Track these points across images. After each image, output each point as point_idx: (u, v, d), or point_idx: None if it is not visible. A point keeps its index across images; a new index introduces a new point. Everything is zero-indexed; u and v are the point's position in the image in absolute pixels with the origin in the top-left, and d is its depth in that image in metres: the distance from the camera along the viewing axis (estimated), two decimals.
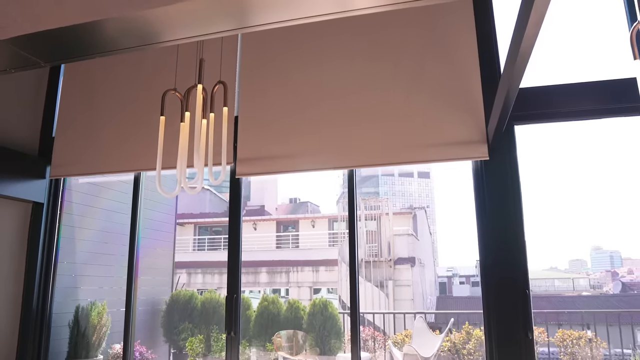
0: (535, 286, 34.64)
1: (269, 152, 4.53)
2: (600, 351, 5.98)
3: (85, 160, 5.18)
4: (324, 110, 4.49)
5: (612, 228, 76.90)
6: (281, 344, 6.74)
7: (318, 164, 4.50)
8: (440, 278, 28.31)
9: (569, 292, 29.59)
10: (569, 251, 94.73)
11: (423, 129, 4.22)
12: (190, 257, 16.12)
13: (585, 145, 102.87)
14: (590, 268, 74.67)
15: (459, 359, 6.22)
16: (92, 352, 5.54)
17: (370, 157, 4.32)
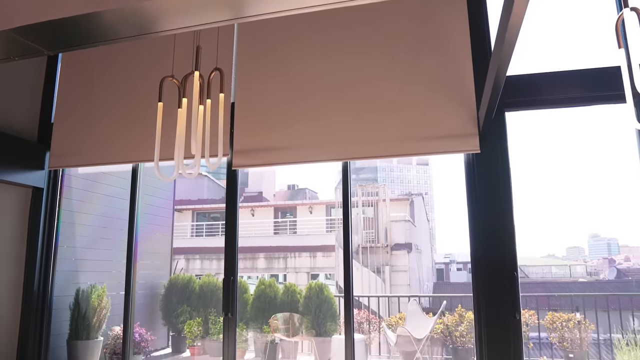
0: (532, 273, 34.94)
1: (266, 144, 4.63)
2: (588, 333, 6.16)
3: (83, 151, 5.28)
4: (319, 102, 4.60)
5: (609, 215, 77.30)
6: (278, 326, 6.92)
7: (313, 156, 4.61)
8: (437, 264, 28.56)
9: (566, 278, 29.87)
10: (566, 239, 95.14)
11: (417, 121, 4.33)
12: (189, 243, 16.29)
13: (584, 133, 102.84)
14: (587, 255, 75.15)
15: (452, 340, 6.39)
16: (93, 333, 5.69)
17: (364, 150, 4.44)
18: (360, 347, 6.41)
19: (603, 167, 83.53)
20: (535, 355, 6.92)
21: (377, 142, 4.36)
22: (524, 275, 29.03)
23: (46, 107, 5.78)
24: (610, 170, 19.62)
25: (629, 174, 15.49)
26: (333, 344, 6.65)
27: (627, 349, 4.36)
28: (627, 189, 55.77)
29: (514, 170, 4.41)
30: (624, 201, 52.84)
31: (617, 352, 4.43)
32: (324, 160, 4.68)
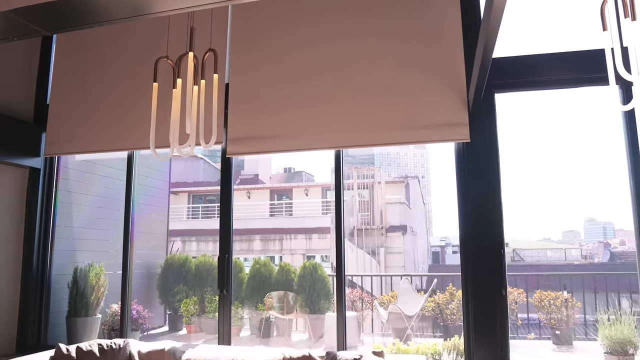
0: (527, 256, 35.27)
1: (260, 132, 4.73)
2: (575, 311, 6.35)
3: (79, 137, 5.35)
4: (312, 89, 4.69)
5: (605, 200, 77.68)
6: (272, 304, 7.10)
7: (307, 144, 4.72)
8: (433, 247, 28.80)
9: (560, 262, 30.17)
10: (562, 223, 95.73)
11: (410, 109, 4.44)
12: (184, 225, 16.42)
13: (580, 116, 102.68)
14: (583, 239, 75.72)
15: (442, 318, 6.59)
16: (91, 310, 5.83)
17: (357, 138, 4.55)
18: (353, 324, 6.60)
19: (599, 150, 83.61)
20: (523, 333, 7.13)
21: (370, 130, 4.48)
22: (519, 259, 29.32)
23: (41, 88, 5.84)
24: (606, 154, 19.59)
25: (624, 157, 15.93)
26: (326, 321, 6.85)
27: (609, 324, 4.53)
28: (623, 173, 55.97)
29: (511, 155, 4.57)
30: (620, 185, 52.83)
31: (600, 328, 4.61)
32: (317, 148, 4.79)
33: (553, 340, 6.33)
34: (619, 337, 4.35)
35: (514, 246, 32.45)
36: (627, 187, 4.34)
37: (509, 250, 27.26)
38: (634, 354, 4.35)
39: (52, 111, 5.55)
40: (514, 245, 33.13)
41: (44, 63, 5.90)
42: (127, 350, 3.82)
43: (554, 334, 6.33)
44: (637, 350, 4.34)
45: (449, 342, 4.64)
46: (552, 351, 6.15)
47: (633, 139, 4.33)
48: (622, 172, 4.37)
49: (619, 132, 4.44)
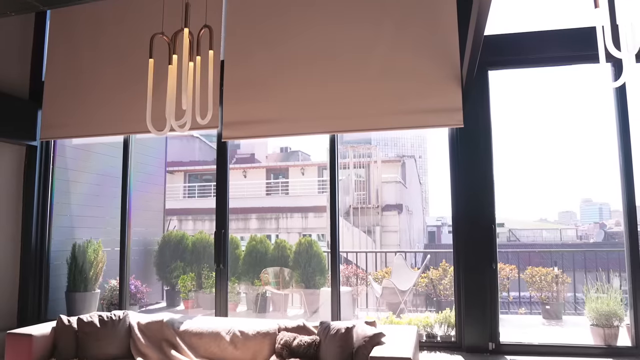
0: (523, 236, 35.55)
1: (255, 117, 4.80)
2: (565, 286, 6.52)
3: (75, 121, 5.40)
4: (307, 73, 4.75)
5: (602, 181, 77.99)
6: (268, 279, 7.25)
7: (301, 128, 4.80)
8: (429, 227, 29.01)
9: (556, 242, 30.45)
10: (559, 203, 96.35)
11: (404, 93, 4.50)
12: (181, 204, 16.52)
13: (577, 96, 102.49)
14: (579, 220, 76.24)
15: (435, 293, 6.75)
16: (90, 286, 5.95)
17: (352, 123, 4.63)
18: (347, 299, 6.76)
19: (596, 131, 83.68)
20: (515, 308, 7.31)
21: (365, 115, 4.56)
22: (515, 239, 29.55)
23: (36, 65, 5.86)
24: (603, 135, 19.62)
25: (614, 136, 15.88)
26: (321, 296, 7.01)
27: (596, 297, 4.68)
28: (616, 152, 56.08)
29: (508, 136, 4.67)
30: (616, 166, 53.16)
31: (587, 301, 4.76)
32: (312, 133, 4.88)
33: (543, 315, 6.50)
34: (604, 310, 4.50)
35: (510, 226, 32.61)
36: (618, 165, 4.45)
37: (504, 230, 27.48)
38: (618, 325, 4.50)
39: (47, 93, 5.58)
40: (510, 226, 33.31)
41: (38, 41, 5.90)
42: (126, 322, 3.95)
43: (544, 309, 6.50)
44: (622, 322, 4.49)
45: (441, 314, 4.78)
46: (542, 325, 6.32)
47: (623, 117, 4.42)
48: (616, 152, 4.47)
49: (612, 111, 4.52)
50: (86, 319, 3.84)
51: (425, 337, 4.69)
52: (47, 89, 5.58)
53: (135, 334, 3.86)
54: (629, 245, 4.33)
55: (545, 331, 6.08)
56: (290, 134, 4.98)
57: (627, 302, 4.37)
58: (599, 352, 4.29)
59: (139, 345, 3.79)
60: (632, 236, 4.34)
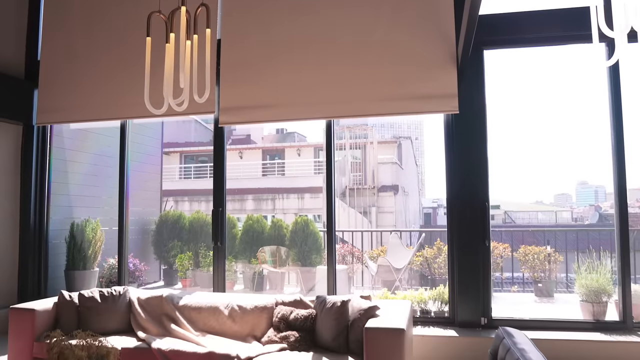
0: (518, 218, 35.84)
1: (251, 102, 4.84)
2: (557, 265, 6.66)
3: (71, 105, 5.41)
4: (303, 59, 4.78)
5: (597, 163, 78.39)
6: (265, 258, 7.37)
7: (298, 114, 4.85)
8: (425, 209, 29.19)
9: (551, 224, 30.69)
10: (555, 186, 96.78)
11: (399, 80, 4.56)
12: (177, 186, 16.58)
13: (573, 78, 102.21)
14: (575, 202, 76.69)
15: (430, 271, 6.88)
16: (89, 264, 6.04)
17: (348, 108, 4.68)
18: (343, 277, 6.89)
19: (593, 114, 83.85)
20: (507, 287, 7.46)
21: (361, 100, 4.61)
22: (510, 221, 29.76)
23: (31, 44, 5.86)
24: (599, 117, 19.91)
25: (607, 117, 15.79)
26: (317, 274, 7.13)
27: (585, 274, 4.81)
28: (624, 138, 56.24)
29: (504, 118, 4.74)
30: (610, 148, 53.46)
31: (577, 277, 4.88)
32: (308, 119, 4.93)
33: (535, 293, 6.65)
34: (594, 286, 4.63)
35: (505, 208, 32.80)
36: (610, 146, 4.53)
37: (500, 212, 27.70)
38: (607, 301, 4.63)
39: (43, 77, 5.59)
40: (505, 208, 33.49)
41: (33, 20, 5.89)
42: (126, 297, 4.05)
43: (536, 286, 6.65)
44: (611, 298, 4.63)
45: (434, 291, 4.90)
46: (534, 302, 6.48)
47: (616, 98, 4.49)
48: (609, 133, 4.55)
49: (605, 92, 4.59)
50: (87, 294, 3.93)
51: (419, 312, 4.82)
52: (42, 72, 5.58)
53: (135, 309, 3.96)
54: (618, 225, 4.45)
55: (536, 308, 6.23)
56: (286, 119, 5.05)
57: (616, 279, 4.49)
58: (588, 326, 4.43)
59: (139, 319, 3.89)
60: (622, 216, 4.45)
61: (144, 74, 3.31)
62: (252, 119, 5.10)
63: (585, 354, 4.10)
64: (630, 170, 4.49)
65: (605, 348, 4.11)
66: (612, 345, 4.11)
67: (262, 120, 5.20)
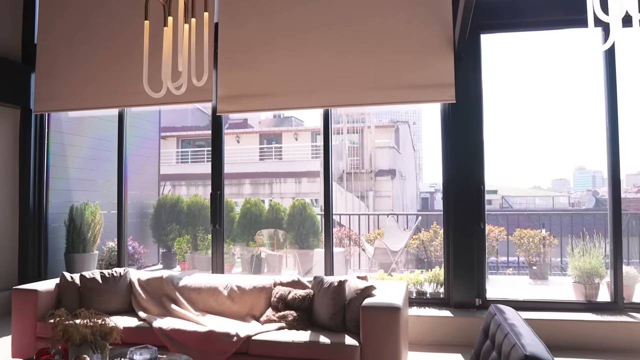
0: (516, 203, 35.99)
1: (249, 91, 4.88)
2: (552, 248, 6.77)
3: (68, 93, 5.44)
4: (301, 48, 4.81)
5: (595, 149, 78.58)
6: (263, 241, 7.46)
7: (296, 102, 4.90)
8: (423, 193, 29.28)
9: (548, 208, 30.79)
10: (553, 171, 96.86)
11: (397, 69, 4.60)
12: (174, 170, 16.61)
13: (571, 64, 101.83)
14: (572, 187, 76.80)
15: (426, 254, 6.98)
16: (89, 247, 6.12)
17: (345, 97, 4.73)
18: (340, 259, 6.99)
19: (591, 99, 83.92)
20: (503, 270, 7.58)
21: (358, 89, 4.67)
22: (507, 205, 29.89)
23: (28, 28, 5.86)
24: (596, 103, 19.88)
25: (602, 101, 15.67)
26: (315, 256, 7.24)
27: (579, 256, 4.91)
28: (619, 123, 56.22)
29: (502, 103, 4.80)
30: (606, 133, 53.41)
31: (571, 259, 4.99)
32: (305, 108, 4.99)
33: (530, 276, 6.77)
34: (586, 268, 4.74)
35: (503, 193, 32.91)
36: (605, 130, 4.60)
37: (497, 197, 27.81)
38: (599, 283, 4.75)
39: (40, 65, 5.60)
40: (503, 193, 33.60)
41: (29, 2, 5.88)
42: (127, 278, 4.13)
43: (531, 269, 6.77)
44: (603, 280, 4.74)
45: (430, 273, 5.00)
46: (528, 285, 6.60)
47: (611, 83, 4.55)
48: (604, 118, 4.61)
49: (601, 77, 4.63)
50: (88, 276, 4.01)
51: (415, 294, 4.92)
52: (39, 57, 5.59)
53: (136, 290, 4.04)
54: (612, 208, 4.54)
55: (530, 289, 6.35)
56: (284, 108, 5.12)
57: (608, 262, 4.60)
58: (580, 307, 4.54)
59: (140, 300, 3.98)
60: (615, 200, 4.54)
61: (142, 61, 3.34)
62: (249, 108, 5.16)
63: (577, 333, 4.22)
64: (629, 156, 4.56)
65: (596, 328, 4.23)
66: (603, 325, 4.23)
67: (260, 109, 5.25)
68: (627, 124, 4.57)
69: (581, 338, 4.20)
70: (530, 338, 1.83)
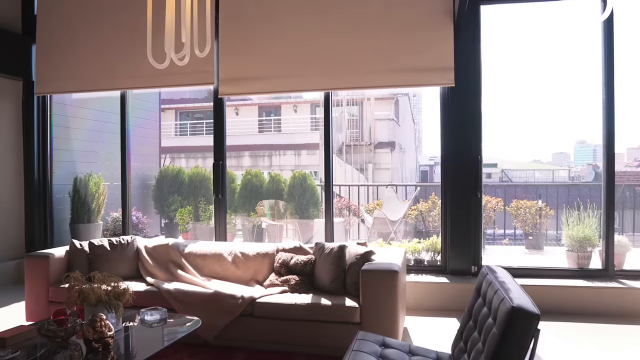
0: (515, 177, 36.19)
1: (250, 74, 4.98)
2: (548, 219, 6.95)
3: (70, 75, 5.53)
4: (301, 31, 4.89)
5: (596, 123, 78.50)
6: (264, 211, 7.64)
7: (296, 85, 4.99)
8: (422, 166, 29.46)
9: (548, 182, 30.97)
10: (553, 145, 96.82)
11: (397, 51, 4.69)
12: (173, 142, 16.70)
13: (573, 38, 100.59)
14: (572, 161, 76.91)
15: (425, 225, 7.17)
16: (93, 217, 6.28)
17: (346, 80, 4.84)
18: (340, 229, 7.18)
19: (591, 73, 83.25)
20: (499, 240, 7.78)
21: (358, 72, 4.79)
22: (507, 179, 30.08)
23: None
24: (597, 77, 19.65)
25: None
26: (315, 226, 7.43)
27: (573, 225, 5.08)
28: (615, 96, 55.77)
29: (504, 76, 4.89)
30: (602, 105, 53.13)
31: (564, 228, 5.16)
32: (306, 90, 5.10)
33: (526, 245, 6.97)
34: (579, 236, 4.91)
35: (503, 167, 33.04)
36: (602, 102, 4.70)
37: (497, 170, 27.94)
38: (591, 251, 4.93)
39: (40, 46, 5.68)
40: (503, 166, 33.74)
41: None
42: (134, 245, 4.30)
43: (527, 239, 6.96)
44: (595, 249, 4.92)
45: (427, 241, 5.18)
46: (524, 254, 6.80)
47: (609, 57, 4.63)
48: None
49: (599, 51, 4.71)
50: (97, 243, 4.17)
51: (413, 262, 5.11)
52: (39, 34, 5.66)
53: (143, 256, 4.22)
54: (605, 180, 4.70)
55: (526, 258, 6.55)
56: (285, 90, 5.22)
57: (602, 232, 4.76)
58: (573, 274, 4.74)
59: (147, 266, 4.16)
60: (609, 173, 4.71)
61: (143, 42, 3.43)
62: (250, 90, 5.30)
63: (568, 298, 4.42)
64: (632, 130, 4.69)
65: (587, 293, 4.43)
66: (593, 290, 4.43)
67: (261, 91, 5.36)
68: (631, 98, 4.67)
69: (572, 303, 4.41)
70: (517, 292, 2.00)
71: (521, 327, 1.81)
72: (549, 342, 3.65)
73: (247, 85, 5.04)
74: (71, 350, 2.64)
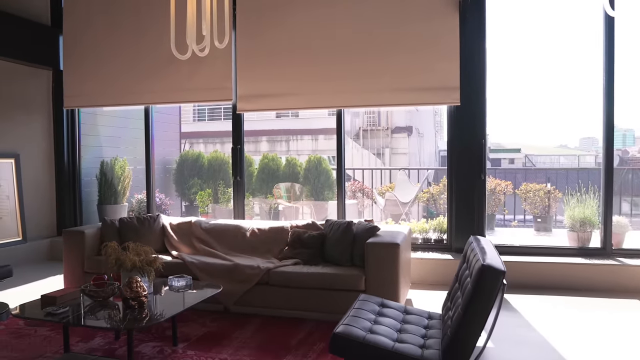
0: (539, 162, 35.94)
1: (267, 91, 5.41)
2: (557, 201, 7.23)
3: (96, 90, 6.07)
4: (316, 52, 5.29)
5: (627, 106, 76.88)
6: (280, 194, 8.09)
7: (310, 102, 5.40)
8: (442, 151, 29.52)
9: (573, 167, 30.62)
10: (581, 129, 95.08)
11: (405, 72, 5.05)
12: (192, 128, 17.16)
13: (599, 21, 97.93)
14: (601, 146, 75.59)
15: (436, 207, 7.52)
16: (119, 199, 6.78)
17: (357, 98, 5.25)
18: (353, 210, 7.59)
19: (625, 56, 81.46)
20: (509, 222, 8.09)
21: (369, 92, 5.18)
22: (531, 164, 29.95)
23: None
24: (629, 59, 19.35)
25: (618, 64, 15.43)
26: (329, 208, 7.86)
27: (575, 205, 5.40)
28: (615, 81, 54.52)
29: (529, 60, 5.16)
30: (604, 87, 52.07)
31: (566, 209, 5.48)
32: (319, 108, 5.50)
33: (535, 227, 7.28)
34: (580, 217, 5.24)
35: (526, 152, 32.87)
36: (602, 84, 4.98)
37: (521, 156, 27.89)
38: (591, 231, 5.25)
39: (66, 61, 6.23)
40: (527, 152, 33.54)
41: None
42: (160, 222, 4.78)
43: (535, 221, 7.27)
44: (594, 229, 5.24)
45: (434, 221, 5.56)
46: (532, 236, 7.12)
47: (609, 40, 4.92)
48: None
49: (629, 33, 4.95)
50: (127, 219, 4.66)
51: (421, 240, 5.51)
52: (66, 25, 6.14)
53: (168, 232, 4.69)
54: (604, 163, 5.03)
55: (532, 239, 6.88)
56: (299, 107, 5.62)
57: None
58: (573, 252, 5.09)
59: (172, 241, 4.63)
60: (608, 156, 5.04)
61: (164, 57, 3.82)
62: (267, 107, 5.78)
63: (568, 274, 4.78)
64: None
65: (585, 270, 4.78)
66: (591, 267, 4.77)
67: (277, 108, 5.90)
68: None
69: (571, 279, 4.76)
70: (491, 255, 2.39)
71: (490, 281, 2.20)
72: (548, 312, 4.04)
73: (264, 102, 5.48)
74: (111, 308, 3.12)
